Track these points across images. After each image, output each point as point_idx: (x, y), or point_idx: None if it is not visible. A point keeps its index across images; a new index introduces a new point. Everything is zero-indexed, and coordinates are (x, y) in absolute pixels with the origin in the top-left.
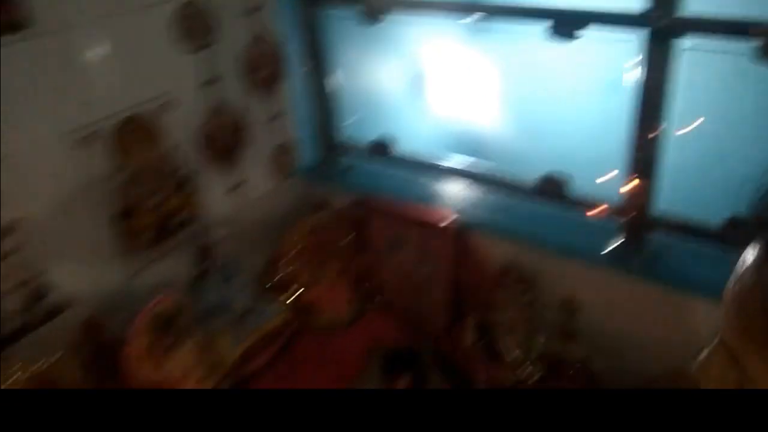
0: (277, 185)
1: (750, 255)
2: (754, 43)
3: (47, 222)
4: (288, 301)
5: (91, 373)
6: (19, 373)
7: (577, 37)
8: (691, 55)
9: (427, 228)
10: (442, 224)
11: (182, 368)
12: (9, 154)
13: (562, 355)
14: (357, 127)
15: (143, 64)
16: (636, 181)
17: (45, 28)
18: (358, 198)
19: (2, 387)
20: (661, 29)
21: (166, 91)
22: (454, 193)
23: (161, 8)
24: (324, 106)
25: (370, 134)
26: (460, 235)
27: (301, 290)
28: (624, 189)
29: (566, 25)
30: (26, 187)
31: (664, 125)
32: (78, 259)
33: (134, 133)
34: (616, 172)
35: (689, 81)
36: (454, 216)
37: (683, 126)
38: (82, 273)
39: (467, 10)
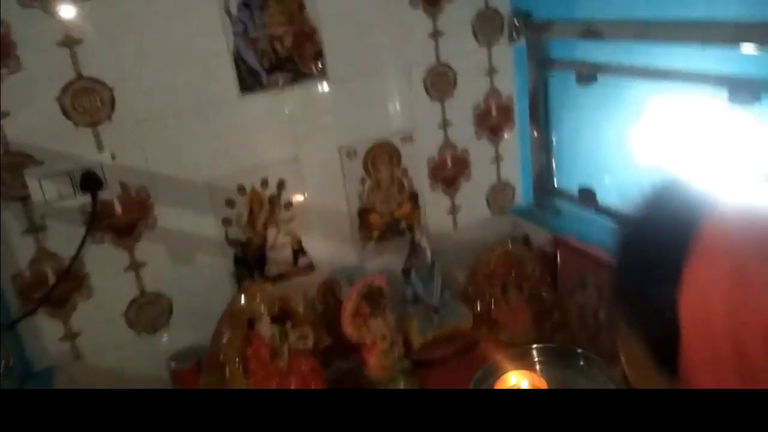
0: (489, 217)
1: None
2: None
3: (312, 206)
4: (475, 311)
5: (318, 319)
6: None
7: (754, 105)
8: None
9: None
10: None
11: (375, 335)
12: (300, 157)
13: None
14: (569, 176)
15: (396, 107)
16: None
17: (332, 77)
18: (557, 238)
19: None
20: None
21: (410, 128)
22: None
23: (419, 69)
24: (542, 155)
25: (579, 183)
26: None
27: (487, 305)
28: None
29: (740, 93)
30: (306, 180)
31: None
32: (327, 237)
33: (382, 154)
34: None
35: None
36: None
37: None
38: (328, 248)
39: (662, 77)
